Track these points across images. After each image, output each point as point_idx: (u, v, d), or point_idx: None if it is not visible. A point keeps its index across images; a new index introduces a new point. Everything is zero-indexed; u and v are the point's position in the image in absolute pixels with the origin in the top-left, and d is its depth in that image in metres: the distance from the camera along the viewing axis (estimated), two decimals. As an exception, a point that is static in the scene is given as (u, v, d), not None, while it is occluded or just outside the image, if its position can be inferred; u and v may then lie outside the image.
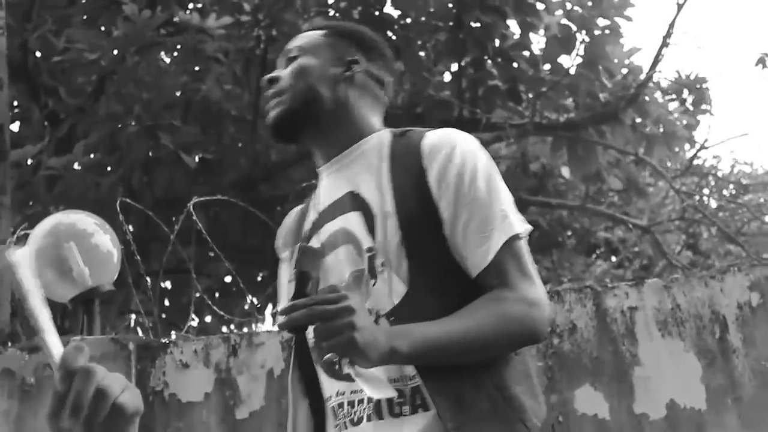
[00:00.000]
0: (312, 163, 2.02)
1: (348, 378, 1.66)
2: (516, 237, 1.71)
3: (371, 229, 1.74)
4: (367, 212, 1.76)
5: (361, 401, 1.69)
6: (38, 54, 8.44)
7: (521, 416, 1.64)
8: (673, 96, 9.55)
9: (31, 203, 8.10)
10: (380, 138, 1.87)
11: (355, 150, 1.87)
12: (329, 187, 1.89)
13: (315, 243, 1.82)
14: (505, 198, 1.74)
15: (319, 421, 1.81)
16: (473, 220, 1.70)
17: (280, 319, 1.53)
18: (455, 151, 1.75)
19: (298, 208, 2.05)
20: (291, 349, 1.72)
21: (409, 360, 1.58)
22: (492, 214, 1.70)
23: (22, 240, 4.09)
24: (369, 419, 1.67)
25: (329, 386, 1.77)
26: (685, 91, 9.48)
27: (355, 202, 1.79)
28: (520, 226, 1.73)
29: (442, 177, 1.73)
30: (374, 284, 1.71)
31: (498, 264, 1.67)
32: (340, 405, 1.73)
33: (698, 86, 9.49)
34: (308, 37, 1.97)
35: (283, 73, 1.93)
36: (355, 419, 1.70)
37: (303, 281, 1.55)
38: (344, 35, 1.98)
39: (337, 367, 1.68)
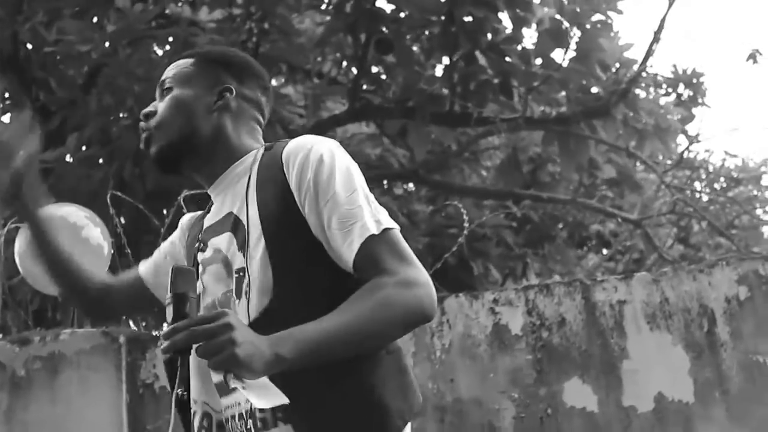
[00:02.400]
0: None
1: (235, 391, 1.67)
2: (387, 229, 1.68)
3: (242, 247, 1.75)
4: (239, 231, 1.78)
5: (241, 415, 1.72)
6: (29, 46, 8.40)
7: (384, 421, 1.65)
8: (669, 90, 9.57)
9: (22, 196, 8.06)
10: (255, 156, 1.87)
11: (231, 172, 1.88)
12: (215, 208, 1.91)
13: (200, 258, 1.87)
14: (365, 193, 1.73)
15: None
16: (335, 217, 1.68)
17: (163, 343, 1.51)
18: (310, 154, 1.74)
19: (199, 214, 2.07)
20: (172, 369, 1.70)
21: (295, 363, 1.53)
22: (353, 209, 1.69)
23: (13, 232, 4.08)
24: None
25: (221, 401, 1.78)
26: (681, 86, 9.51)
27: (230, 222, 1.81)
28: (387, 220, 1.70)
29: (301, 181, 1.72)
30: (239, 303, 1.73)
31: (371, 253, 1.64)
32: (232, 417, 1.75)
33: (694, 80, 9.51)
34: (180, 66, 1.96)
35: (159, 106, 1.93)
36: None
37: (181, 302, 1.54)
38: (214, 61, 1.97)
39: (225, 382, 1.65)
